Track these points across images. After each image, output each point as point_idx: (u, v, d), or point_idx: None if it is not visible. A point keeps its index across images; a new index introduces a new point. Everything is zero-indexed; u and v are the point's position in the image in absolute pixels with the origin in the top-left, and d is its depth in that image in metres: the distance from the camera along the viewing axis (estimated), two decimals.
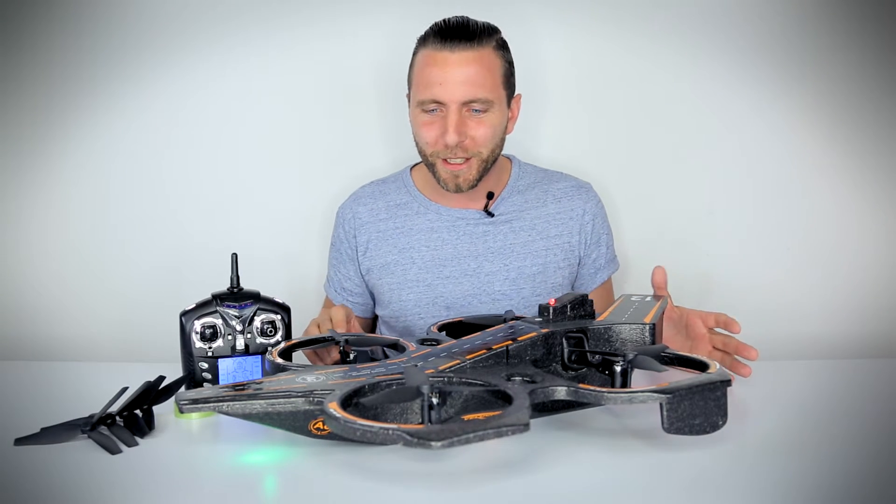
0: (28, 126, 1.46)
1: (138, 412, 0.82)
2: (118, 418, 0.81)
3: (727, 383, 0.75)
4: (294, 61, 1.48)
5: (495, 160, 1.22)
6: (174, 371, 0.93)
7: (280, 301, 0.98)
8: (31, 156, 1.46)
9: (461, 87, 1.13)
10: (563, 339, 0.91)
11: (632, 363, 0.81)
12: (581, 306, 0.98)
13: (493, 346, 0.85)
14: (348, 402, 0.70)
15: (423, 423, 0.69)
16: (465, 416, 0.75)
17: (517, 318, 0.99)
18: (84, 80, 1.45)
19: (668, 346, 0.89)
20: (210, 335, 0.93)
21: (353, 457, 0.74)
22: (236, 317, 0.94)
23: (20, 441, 0.78)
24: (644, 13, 1.47)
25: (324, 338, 0.95)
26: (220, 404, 0.71)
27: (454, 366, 0.80)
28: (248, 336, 0.95)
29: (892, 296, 1.51)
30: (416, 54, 1.21)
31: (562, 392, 0.75)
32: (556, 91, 1.48)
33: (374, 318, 1.39)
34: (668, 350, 0.85)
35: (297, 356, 0.99)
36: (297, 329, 1.00)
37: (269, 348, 0.92)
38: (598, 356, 0.88)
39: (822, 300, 1.51)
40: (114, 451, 0.75)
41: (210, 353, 0.94)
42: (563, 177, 1.33)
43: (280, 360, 0.85)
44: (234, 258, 0.98)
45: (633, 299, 1.06)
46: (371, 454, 0.75)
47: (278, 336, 0.96)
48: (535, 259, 1.26)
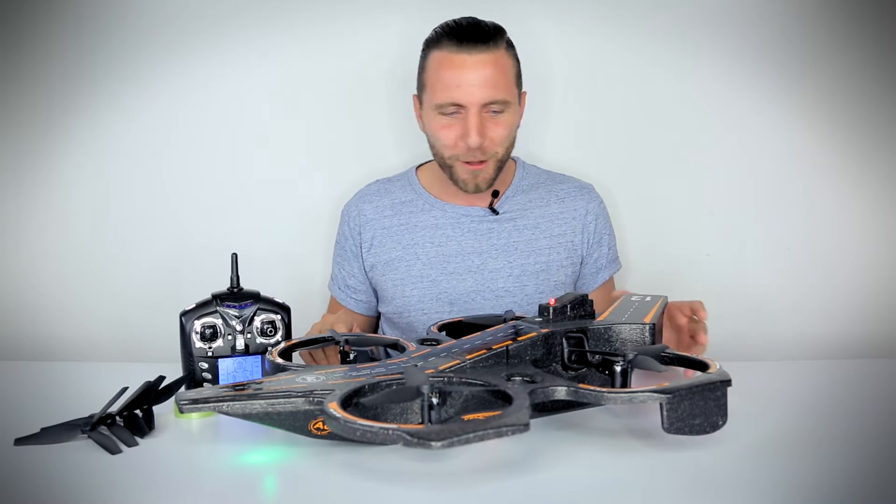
0: (28, 126, 1.45)
1: (138, 412, 0.83)
2: (118, 418, 0.81)
3: (727, 383, 0.75)
4: (294, 61, 1.48)
5: (508, 158, 1.24)
6: (174, 371, 0.93)
7: (280, 301, 0.98)
8: (31, 156, 1.46)
9: (481, 90, 1.14)
10: (564, 339, 0.91)
11: (632, 363, 0.81)
12: (581, 306, 0.98)
13: (493, 346, 0.85)
14: (348, 402, 0.70)
15: (423, 423, 0.69)
16: (465, 416, 0.76)
17: (517, 318, 0.99)
18: (84, 80, 1.45)
19: (668, 346, 0.89)
20: (210, 335, 0.93)
21: (353, 457, 0.74)
22: (236, 317, 0.95)
23: (20, 441, 0.78)
24: (644, 13, 1.47)
25: (324, 338, 0.95)
26: (220, 404, 0.71)
27: (454, 366, 0.80)
28: (248, 336, 0.95)
29: (892, 296, 1.51)
30: (427, 56, 1.20)
31: (562, 392, 0.76)
32: (556, 92, 1.48)
33: (377, 318, 1.39)
34: (668, 350, 0.86)
35: (298, 356, 0.99)
36: (297, 329, 1.00)
37: (269, 348, 0.92)
38: (597, 356, 0.88)
39: (822, 300, 1.51)
40: (114, 451, 0.75)
41: (210, 353, 0.94)
42: (566, 178, 1.35)
43: (280, 360, 0.85)
44: (234, 258, 0.98)
45: (633, 299, 1.06)
46: (371, 454, 0.75)
47: (278, 336, 0.96)
48: (538, 257, 1.27)
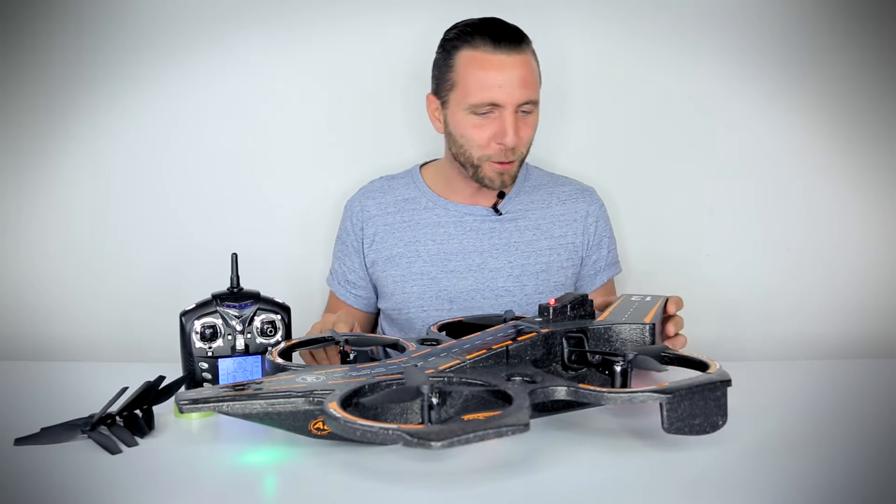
0: (28, 126, 1.45)
1: (138, 412, 0.83)
2: (118, 418, 0.81)
3: (727, 383, 0.75)
4: (294, 61, 1.48)
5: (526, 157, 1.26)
6: (174, 371, 0.93)
7: (280, 301, 0.98)
8: (31, 156, 1.46)
9: (518, 90, 1.16)
10: (563, 340, 0.91)
11: (632, 363, 0.81)
12: (581, 306, 0.98)
13: (493, 346, 0.85)
14: (348, 402, 0.70)
15: (423, 423, 0.69)
16: (465, 416, 0.76)
17: (517, 318, 0.99)
18: (84, 80, 1.45)
19: (667, 346, 0.89)
20: (210, 335, 0.93)
21: (353, 457, 0.74)
22: (236, 317, 0.95)
23: (20, 441, 0.78)
24: (643, 13, 1.47)
25: (324, 338, 0.96)
26: (221, 404, 0.71)
27: (454, 366, 0.80)
28: (248, 336, 0.95)
29: (892, 296, 1.51)
30: (455, 55, 1.19)
31: (562, 392, 0.76)
32: (556, 92, 1.48)
33: (376, 315, 1.39)
34: (668, 350, 0.86)
35: (297, 357, 0.99)
36: (297, 329, 1.00)
37: (269, 348, 0.92)
38: (597, 356, 0.88)
39: (822, 300, 1.51)
40: (114, 451, 0.75)
41: (210, 353, 0.94)
42: (568, 180, 1.36)
43: (280, 360, 0.85)
44: (234, 258, 0.98)
45: (632, 299, 1.06)
46: (370, 454, 0.75)
47: (278, 336, 0.96)
48: (538, 257, 1.27)
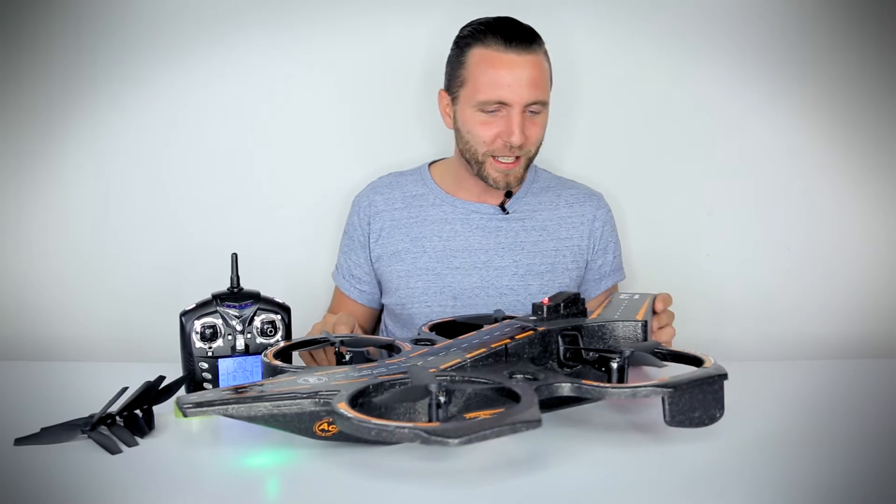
0: (28, 126, 1.45)
1: (138, 412, 0.83)
2: (118, 418, 0.81)
3: (724, 377, 0.76)
4: (294, 61, 1.48)
5: (535, 157, 1.26)
6: (174, 371, 0.93)
7: (280, 301, 0.98)
8: (31, 156, 1.46)
9: (528, 90, 1.16)
10: (559, 337, 0.92)
11: (629, 359, 0.82)
12: (574, 304, 0.99)
13: (492, 345, 0.85)
14: (353, 402, 0.70)
15: (430, 421, 0.69)
16: (467, 415, 0.76)
17: (508, 318, 1.00)
18: (84, 80, 1.45)
19: (660, 342, 0.90)
20: (210, 335, 0.93)
21: (354, 457, 0.74)
22: (236, 317, 0.95)
23: (20, 441, 0.78)
24: (642, 14, 1.47)
25: (319, 339, 0.95)
26: (226, 407, 0.70)
27: (455, 364, 0.80)
28: (248, 336, 0.95)
29: (892, 296, 1.51)
30: (467, 52, 1.20)
31: (566, 388, 0.76)
32: (555, 93, 1.48)
33: (379, 312, 1.39)
34: (661, 347, 0.87)
35: (297, 357, 0.99)
36: (297, 329, 1.00)
37: (265, 350, 0.92)
38: (594, 353, 0.89)
39: (822, 300, 1.51)
40: (114, 451, 0.75)
41: (210, 353, 0.94)
42: (575, 185, 1.37)
43: (275, 362, 0.84)
44: (235, 258, 0.98)
45: (621, 297, 1.08)
46: (371, 455, 0.75)
47: (278, 336, 0.96)
48: (544, 258, 1.28)
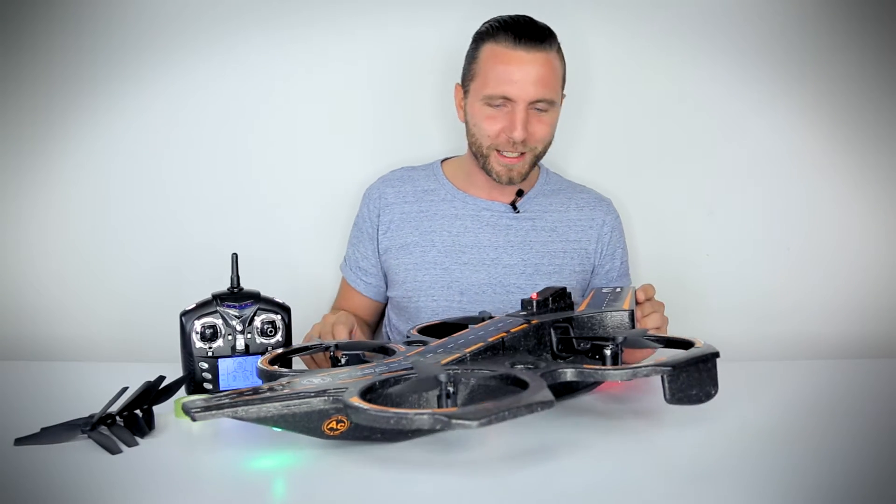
0: (28, 126, 1.45)
1: (138, 412, 0.83)
2: (118, 418, 0.81)
3: (716, 355, 0.80)
4: (293, 61, 1.48)
5: (543, 156, 1.27)
6: (174, 371, 0.93)
7: (280, 301, 0.98)
8: (31, 156, 1.46)
9: (532, 87, 1.17)
10: (552, 329, 0.94)
11: (624, 344, 0.84)
12: (561, 298, 1.02)
13: (489, 339, 0.86)
14: (363, 398, 0.70)
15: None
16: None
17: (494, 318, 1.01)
18: (84, 80, 1.45)
19: (647, 330, 0.93)
20: (210, 335, 0.93)
21: (356, 456, 0.74)
22: (236, 317, 0.95)
23: (20, 441, 0.78)
24: (642, 14, 1.47)
25: (313, 346, 0.95)
26: (235, 409, 0.70)
27: (455, 359, 0.80)
28: (249, 336, 0.95)
29: (892, 296, 1.51)
30: (480, 47, 1.22)
31: (569, 373, 0.79)
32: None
33: (384, 306, 1.39)
34: (649, 334, 0.90)
35: (297, 360, 0.99)
36: (297, 329, 1.00)
37: (263, 353, 0.92)
38: (587, 343, 0.92)
39: (823, 300, 1.51)
40: (114, 451, 0.75)
41: (210, 353, 0.94)
42: (586, 189, 1.38)
43: (272, 368, 0.84)
44: (235, 258, 0.98)
45: (603, 291, 1.10)
46: (371, 454, 0.75)
47: (278, 336, 0.96)
48: (552, 259, 1.28)
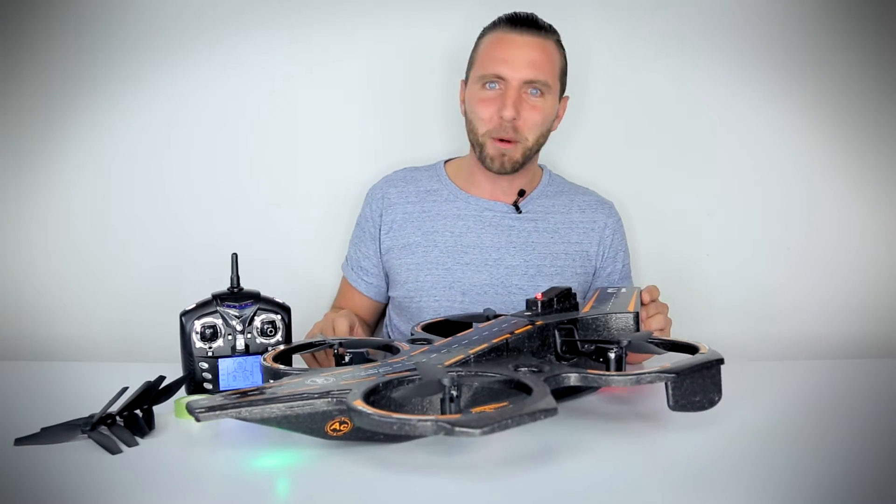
0: (28, 126, 1.45)
1: (138, 412, 0.83)
2: (118, 418, 0.81)
3: (721, 362, 0.80)
4: (294, 61, 1.48)
5: (538, 150, 1.27)
6: (174, 371, 0.93)
7: (280, 301, 0.98)
8: (31, 156, 1.46)
9: (525, 67, 1.19)
10: (556, 331, 0.93)
11: (628, 348, 0.84)
12: (566, 299, 1.01)
13: (493, 340, 0.86)
14: (366, 400, 0.70)
15: (443, 415, 0.69)
16: (473, 409, 0.77)
17: (499, 317, 1.01)
18: (84, 80, 1.45)
19: (652, 332, 0.92)
20: (210, 335, 0.93)
21: (358, 457, 0.74)
22: (236, 317, 0.95)
23: (20, 441, 0.78)
24: (642, 14, 1.47)
25: (316, 343, 0.95)
26: (238, 410, 0.70)
27: (459, 360, 0.80)
28: (249, 336, 0.95)
29: (892, 296, 1.51)
30: (481, 39, 1.27)
31: (573, 378, 0.78)
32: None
33: (384, 306, 1.39)
34: (653, 337, 0.90)
35: (297, 359, 0.99)
36: (297, 329, 1.00)
37: (264, 353, 0.92)
38: (591, 345, 0.91)
39: (823, 300, 1.51)
40: (114, 451, 0.75)
41: (210, 353, 0.94)
42: (588, 191, 1.38)
43: (276, 366, 0.84)
44: (235, 258, 0.98)
45: (608, 291, 1.10)
46: (374, 456, 0.75)
47: (278, 336, 0.96)
48: (554, 260, 1.28)
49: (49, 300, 1.48)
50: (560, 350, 0.93)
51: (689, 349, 0.85)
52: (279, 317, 0.96)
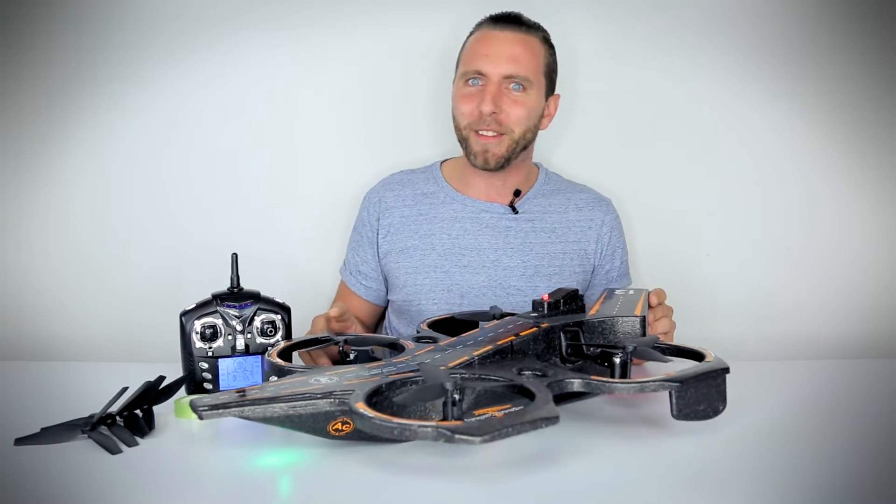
0: (28, 126, 1.45)
1: (138, 412, 0.83)
2: (118, 418, 0.81)
3: (726, 371, 0.78)
4: (294, 61, 1.48)
5: (525, 146, 1.26)
6: (174, 371, 0.93)
7: (280, 301, 0.98)
8: (31, 156, 1.46)
9: (504, 62, 1.20)
10: (561, 333, 0.93)
11: (633, 354, 0.83)
12: (573, 301, 1.00)
13: (498, 342, 0.86)
14: (369, 401, 0.70)
15: (445, 418, 0.69)
16: (476, 411, 0.77)
17: (505, 315, 1.00)
18: (84, 80, 1.45)
19: (658, 337, 0.92)
20: (210, 335, 0.93)
21: (360, 455, 0.74)
22: (236, 317, 0.95)
23: (20, 441, 0.78)
24: (642, 14, 1.47)
25: (322, 339, 0.95)
26: (242, 409, 0.70)
27: (463, 362, 0.80)
28: (249, 336, 0.95)
29: (892, 296, 1.51)
30: (467, 39, 1.27)
31: (576, 384, 0.78)
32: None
33: (384, 309, 1.39)
34: (660, 341, 0.89)
35: (296, 358, 0.98)
36: (297, 329, 1.00)
37: (269, 349, 0.92)
38: (595, 349, 0.90)
39: (823, 300, 1.51)
40: (114, 451, 0.75)
41: (210, 353, 0.94)
42: (585, 189, 1.37)
43: (280, 362, 0.84)
44: (235, 258, 0.98)
45: (617, 293, 1.09)
46: (376, 456, 0.75)
47: (278, 336, 0.96)
48: (552, 260, 1.28)
49: (49, 300, 1.48)
50: (565, 353, 0.92)
51: (696, 356, 0.84)
52: (279, 317, 0.96)
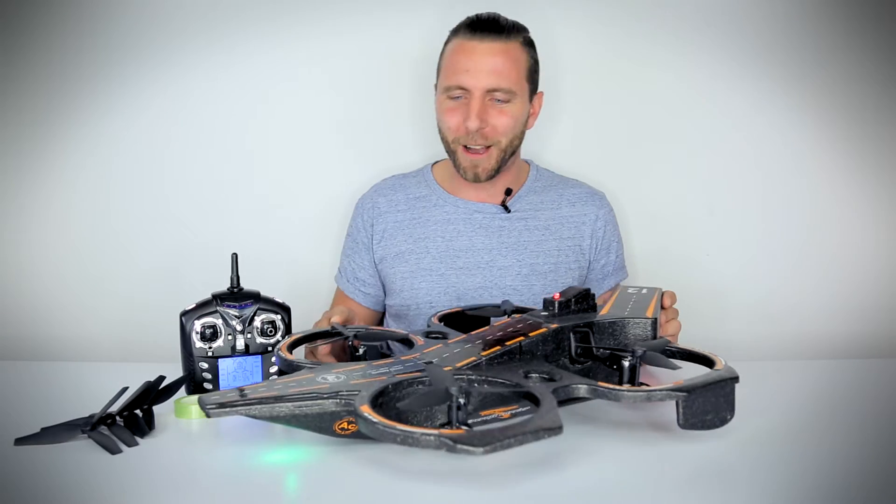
0: (28, 126, 1.45)
1: (138, 412, 0.83)
2: (118, 418, 0.81)
3: (735, 380, 0.77)
4: (294, 61, 1.48)
5: (514, 152, 1.25)
6: (174, 371, 0.93)
7: (280, 301, 0.98)
8: (31, 156, 1.46)
9: (486, 76, 1.18)
10: (571, 334, 0.92)
11: (642, 360, 0.82)
12: (584, 300, 0.99)
13: (507, 343, 0.85)
14: (374, 402, 0.70)
15: (449, 422, 0.69)
16: (482, 412, 0.77)
17: (517, 311, 1.00)
18: (84, 80, 1.45)
19: (670, 340, 0.90)
20: (210, 335, 0.93)
21: (365, 454, 0.74)
22: (236, 317, 0.95)
23: (20, 441, 0.78)
24: (642, 12, 1.47)
25: (332, 332, 0.95)
26: (248, 408, 0.71)
27: (471, 362, 0.80)
28: (249, 336, 0.95)
29: (892, 296, 1.51)
30: (446, 45, 1.25)
31: (583, 390, 0.77)
32: (555, 92, 1.48)
33: (382, 314, 1.39)
34: (671, 345, 0.87)
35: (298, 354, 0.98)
36: (297, 329, 0.99)
37: (279, 343, 0.92)
38: (605, 351, 0.89)
39: (822, 300, 1.51)
40: (114, 451, 0.75)
41: (210, 353, 0.94)
42: (578, 183, 1.36)
43: (291, 357, 0.84)
44: (235, 258, 0.98)
45: (629, 291, 1.08)
46: (378, 456, 0.75)
47: (278, 336, 0.96)
48: (547, 257, 1.28)
49: (49, 300, 1.48)
50: (574, 354, 0.91)
51: (706, 361, 0.83)
52: (279, 317, 0.96)
